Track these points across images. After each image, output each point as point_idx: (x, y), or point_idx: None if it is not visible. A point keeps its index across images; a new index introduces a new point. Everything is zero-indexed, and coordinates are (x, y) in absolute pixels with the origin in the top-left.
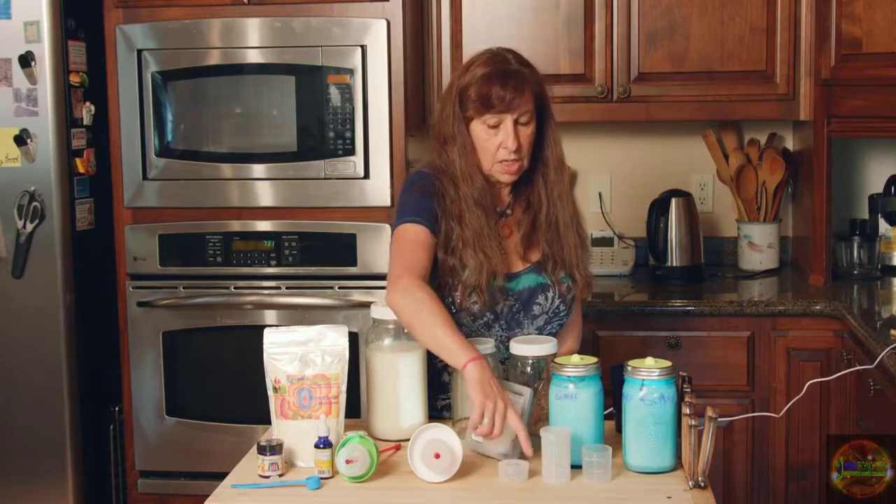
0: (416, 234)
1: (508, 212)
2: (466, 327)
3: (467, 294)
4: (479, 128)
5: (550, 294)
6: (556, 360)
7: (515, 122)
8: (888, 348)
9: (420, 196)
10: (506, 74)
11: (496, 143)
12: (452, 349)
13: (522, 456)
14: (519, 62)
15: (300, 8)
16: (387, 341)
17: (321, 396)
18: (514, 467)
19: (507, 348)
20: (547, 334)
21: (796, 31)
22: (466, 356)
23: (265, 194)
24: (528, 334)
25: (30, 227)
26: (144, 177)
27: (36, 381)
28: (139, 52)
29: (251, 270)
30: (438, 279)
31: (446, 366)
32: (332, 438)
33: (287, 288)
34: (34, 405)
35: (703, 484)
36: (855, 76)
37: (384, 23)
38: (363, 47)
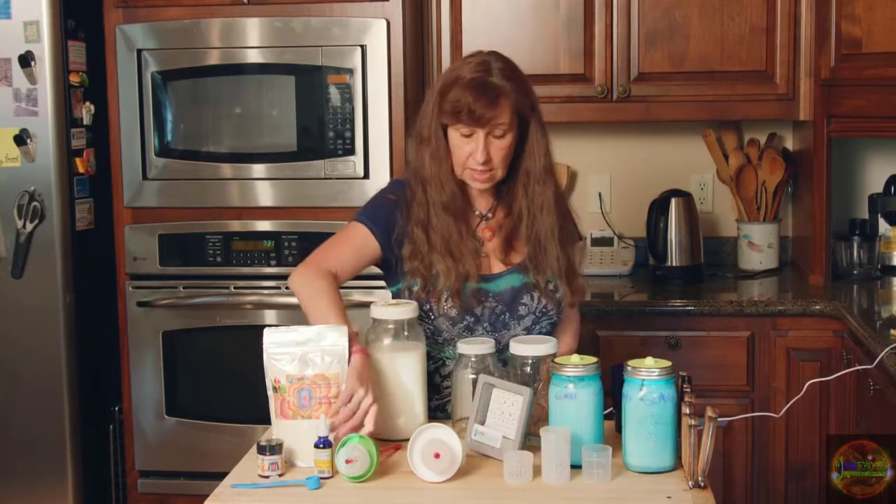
0: (354, 232)
1: (490, 215)
2: (447, 332)
3: (443, 299)
4: (453, 133)
5: (536, 294)
6: (556, 360)
7: (487, 135)
8: (888, 348)
9: (383, 203)
10: (480, 88)
11: (468, 151)
12: None
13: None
14: (502, 74)
15: (300, 8)
16: (387, 341)
17: (321, 396)
18: (517, 463)
19: (497, 350)
20: (536, 334)
21: (796, 31)
22: (352, 347)
23: (265, 194)
24: (517, 335)
25: (30, 226)
26: (144, 177)
27: (36, 381)
28: (139, 52)
29: (251, 270)
30: (411, 290)
31: (438, 368)
32: (331, 438)
33: (287, 288)
34: (34, 405)
35: (702, 484)
36: (855, 76)
37: (384, 23)
38: (363, 47)
